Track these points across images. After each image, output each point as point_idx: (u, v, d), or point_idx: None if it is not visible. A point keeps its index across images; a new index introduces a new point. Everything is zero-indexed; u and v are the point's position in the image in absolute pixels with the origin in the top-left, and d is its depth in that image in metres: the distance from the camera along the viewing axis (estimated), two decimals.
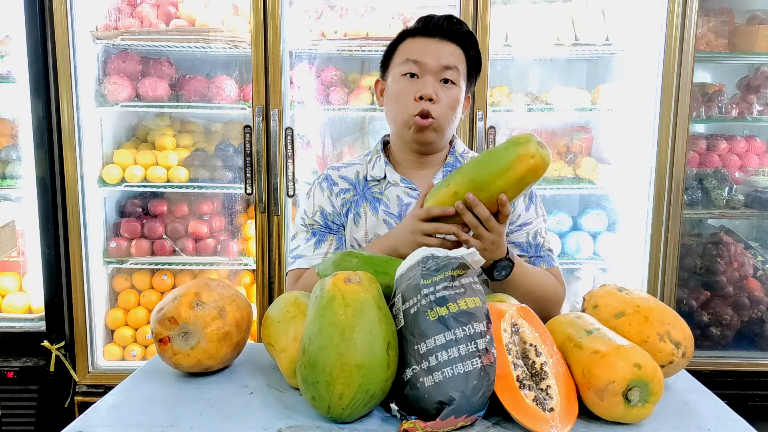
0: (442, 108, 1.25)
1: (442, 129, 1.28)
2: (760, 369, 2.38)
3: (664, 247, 2.31)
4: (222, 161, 2.48)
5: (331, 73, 2.47)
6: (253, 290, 2.46)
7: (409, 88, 1.26)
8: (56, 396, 2.37)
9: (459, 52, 1.28)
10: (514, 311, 0.94)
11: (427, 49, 1.26)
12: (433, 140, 1.30)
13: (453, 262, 0.91)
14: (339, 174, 1.41)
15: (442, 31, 1.27)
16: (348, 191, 1.38)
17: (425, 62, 1.25)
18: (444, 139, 1.33)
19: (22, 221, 2.37)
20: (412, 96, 1.25)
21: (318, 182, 1.42)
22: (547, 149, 1.02)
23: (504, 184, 1.02)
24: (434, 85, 1.25)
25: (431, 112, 1.24)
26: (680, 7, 2.20)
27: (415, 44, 1.28)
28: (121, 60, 2.44)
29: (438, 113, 1.25)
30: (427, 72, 1.25)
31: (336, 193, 1.38)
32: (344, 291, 0.86)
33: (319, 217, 1.37)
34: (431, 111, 1.24)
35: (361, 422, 0.88)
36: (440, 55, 1.25)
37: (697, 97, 2.49)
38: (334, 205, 1.38)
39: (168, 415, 0.91)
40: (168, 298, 1.03)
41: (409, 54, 1.27)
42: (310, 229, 1.37)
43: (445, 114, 1.26)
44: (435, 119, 1.25)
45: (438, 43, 1.27)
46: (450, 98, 1.26)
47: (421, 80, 1.25)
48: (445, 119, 1.27)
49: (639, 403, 0.84)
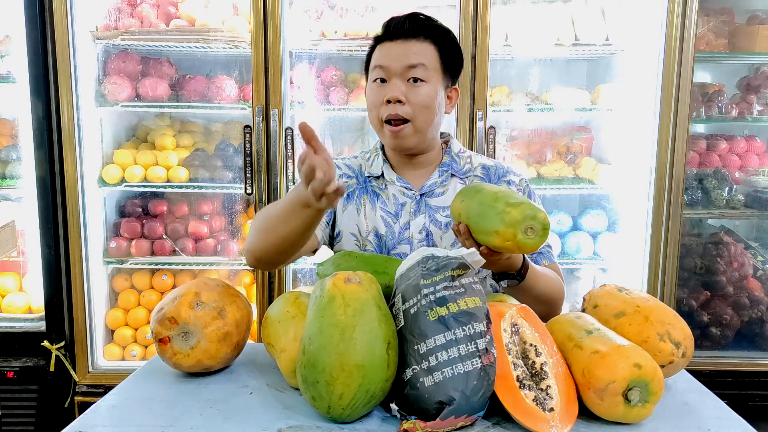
0: (414, 108, 1.25)
1: (421, 129, 1.27)
2: (760, 369, 2.38)
3: (664, 247, 2.31)
4: (222, 161, 2.48)
5: (331, 73, 2.47)
6: (253, 290, 2.46)
7: (378, 94, 1.26)
8: (56, 396, 2.37)
9: (427, 48, 1.27)
10: (514, 311, 0.94)
11: (391, 52, 1.26)
12: (414, 143, 1.29)
13: (453, 262, 0.91)
14: (344, 162, 1.43)
15: (405, 32, 1.27)
16: (351, 178, 1.40)
17: (389, 65, 1.25)
18: (428, 139, 1.32)
19: (22, 221, 2.37)
20: (381, 100, 1.26)
21: None
22: (537, 236, 0.96)
23: (487, 241, 1.01)
24: (401, 86, 1.25)
25: (402, 114, 1.24)
26: (680, 7, 2.20)
27: (383, 50, 1.28)
28: (121, 60, 2.44)
29: (411, 114, 1.25)
30: (393, 75, 1.25)
31: (338, 177, 1.39)
32: (344, 291, 0.87)
33: None
34: (401, 113, 1.24)
35: (361, 422, 0.88)
36: (404, 56, 1.25)
37: (697, 97, 2.49)
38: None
39: (168, 415, 0.91)
40: (168, 298, 1.03)
41: (376, 61, 1.29)
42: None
43: (420, 113, 1.26)
44: (410, 120, 1.25)
45: (402, 44, 1.26)
46: (421, 96, 1.25)
47: (388, 84, 1.26)
48: (422, 118, 1.26)
49: (639, 403, 0.84)
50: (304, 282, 2.59)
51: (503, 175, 1.38)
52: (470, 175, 1.38)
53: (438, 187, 1.36)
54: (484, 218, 1.01)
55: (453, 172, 1.37)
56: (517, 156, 2.57)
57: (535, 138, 2.62)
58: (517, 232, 0.95)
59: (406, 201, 1.34)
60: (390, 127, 1.25)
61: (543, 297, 1.22)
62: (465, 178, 1.37)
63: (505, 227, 0.96)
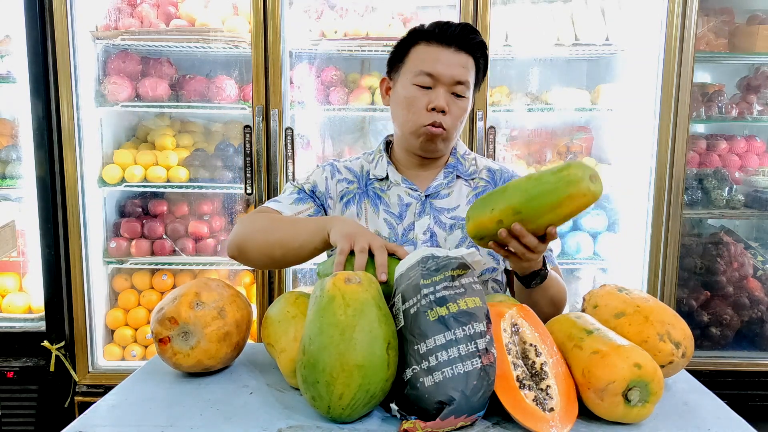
0: (452, 120, 1.27)
1: (451, 139, 1.30)
2: (760, 369, 2.38)
3: (664, 247, 2.31)
4: (222, 161, 2.48)
5: (331, 73, 2.47)
6: (253, 290, 2.46)
7: (421, 98, 1.26)
8: (56, 396, 2.37)
9: (471, 63, 1.27)
10: (514, 311, 0.94)
11: (441, 60, 1.24)
12: (441, 149, 1.32)
13: (453, 262, 0.91)
14: (344, 165, 1.43)
15: (458, 42, 1.25)
16: (351, 183, 1.39)
17: (439, 75, 1.24)
18: (450, 147, 1.36)
19: (22, 221, 2.37)
20: (423, 106, 1.25)
21: (320, 166, 1.43)
22: (599, 182, 0.96)
23: (553, 218, 0.97)
24: (446, 97, 1.25)
25: (444, 124, 1.25)
26: (680, 7, 2.20)
27: (430, 53, 1.26)
28: (121, 60, 2.44)
29: (449, 125, 1.26)
30: (440, 84, 1.25)
31: (337, 180, 1.39)
32: (344, 291, 0.86)
33: (309, 187, 1.38)
34: (443, 122, 1.25)
35: (361, 422, 0.88)
36: (454, 68, 1.24)
37: (697, 97, 2.49)
38: (329, 189, 1.38)
39: (168, 415, 0.91)
40: (168, 298, 1.03)
41: (422, 65, 1.26)
42: (296, 190, 1.38)
43: (455, 126, 1.28)
44: (446, 130, 1.26)
45: (453, 54, 1.25)
46: (459, 110, 1.27)
47: (434, 91, 1.25)
48: (455, 130, 1.29)
49: (639, 403, 0.84)
50: (304, 282, 2.59)
51: (509, 178, 1.39)
52: (475, 176, 1.38)
53: (444, 188, 1.36)
54: (539, 198, 0.97)
55: (458, 174, 1.37)
56: (517, 156, 2.57)
57: (535, 138, 2.62)
58: (588, 184, 0.94)
59: (411, 202, 1.34)
60: (433, 129, 1.25)
61: (556, 297, 1.23)
62: (470, 180, 1.38)
63: (576, 187, 0.94)
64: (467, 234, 1.09)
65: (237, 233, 1.25)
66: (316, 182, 1.39)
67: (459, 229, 1.33)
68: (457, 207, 1.34)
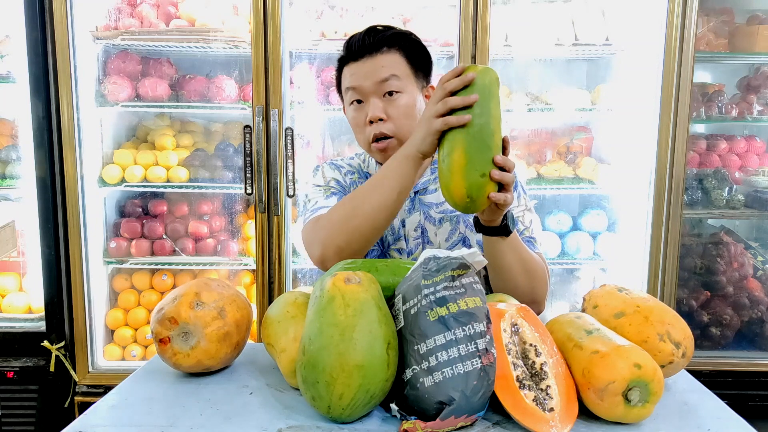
0: (397, 122, 1.25)
1: (405, 138, 1.25)
2: (760, 369, 2.38)
3: (664, 247, 2.31)
4: (222, 161, 2.48)
5: (331, 73, 2.47)
6: (253, 290, 2.46)
7: (359, 116, 1.27)
8: (56, 396, 2.37)
9: (394, 57, 1.26)
10: (514, 311, 0.94)
11: (359, 72, 1.26)
12: None
13: (453, 263, 0.91)
14: (345, 162, 1.45)
15: (368, 48, 1.25)
16: (354, 173, 1.42)
17: (361, 85, 1.25)
18: None
19: (22, 221, 2.37)
20: (363, 122, 1.26)
21: (324, 164, 1.44)
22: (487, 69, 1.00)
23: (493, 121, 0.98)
24: (379, 103, 1.25)
25: (387, 132, 1.25)
26: (680, 7, 2.20)
27: (350, 71, 1.28)
28: (121, 60, 2.44)
29: (394, 129, 1.25)
30: (368, 94, 1.25)
31: (344, 173, 1.42)
32: (344, 291, 0.86)
33: (335, 184, 1.38)
34: (386, 130, 1.25)
35: (361, 422, 0.88)
36: (374, 72, 1.24)
37: (697, 97, 2.49)
38: (346, 181, 1.41)
39: (168, 415, 0.91)
40: (168, 298, 1.03)
41: (346, 83, 1.28)
42: (328, 190, 1.37)
43: (403, 125, 1.26)
44: (393, 136, 1.26)
45: (368, 60, 1.25)
46: (401, 108, 1.26)
47: (366, 104, 1.26)
48: (406, 129, 1.26)
49: (639, 403, 0.84)
50: (304, 282, 2.59)
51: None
52: None
53: (432, 183, 1.37)
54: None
55: None
56: (517, 156, 2.57)
57: (535, 138, 2.62)
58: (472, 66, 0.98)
59: None
60: (376, 145, 1.26)
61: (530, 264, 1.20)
62: None
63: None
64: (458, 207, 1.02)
65: (322, 240, 1.18)
66: (334, 177, 1.40)
67: (447, 222, 1.34)
68: (444, 201, 1.34)
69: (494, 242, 1.17)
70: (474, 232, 1.34)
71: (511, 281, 1.20)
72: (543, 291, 1.26)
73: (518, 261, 1.19)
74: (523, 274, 1.19)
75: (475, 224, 1.16)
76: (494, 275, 1.23)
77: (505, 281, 1.21)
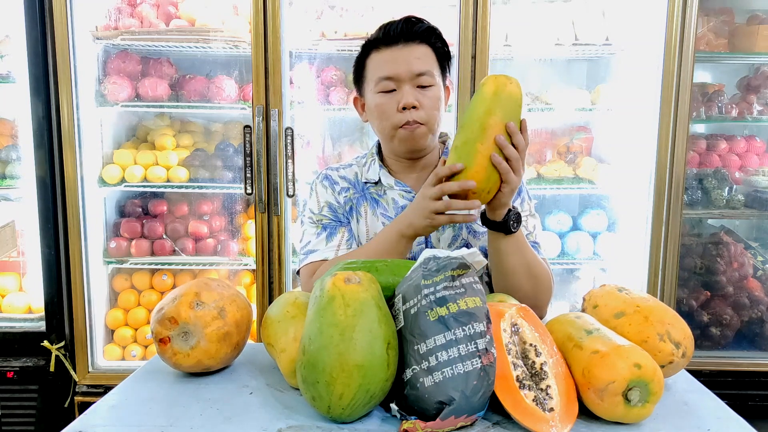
0: (427, 111, 1.26)
1: (433, 131, 1.29)
2: (760, 369, 2.38)
3: (664, 247, 2.31)
4: (222, 161, 2.48)
5: (331, 73, 2.47)
6: (253, 290, 2.46)
7: (390, 102, 1.26)
8: (56, 396, 2.37)
9: (427, 51, 1.28)
10: (514, 311, 0.94)
11: (395, 59, 1.25)
12: (426, 143, 1.31)
13: (453, 262, 0.91)
14: (338, 174, 1.43)
15: (405, 36, 1.26)
16: (348, 190, 1.41)
17: (398, 74, 1.25)
18: (434, 139, 1.34)
19: (22, 221, 2.37)
20: (394, 109, 1.26)
21: (319, 181, 1.43)
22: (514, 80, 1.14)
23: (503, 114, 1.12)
24: (413, 92, 1.25)
25: (418, 120, 1.25)
26: (680, 7, 2.19)
27: (382, 58, 1.27)
28: (121, 60, 2.44)
29: (425, 118, 1.26)
30: (402, 82, 1.25)
31: (338, 192, 1.40)
32: (344, 291, 0.86)
33: (327, 211, 1.39)
34: (416, 118, 1.25)
35: (361, 422, 0.88)
36: (410, 63, 1.25)
37: (697, 97, 2.49)
38: (338, 201, 1.40)
39: (168, 415, 0.91)
40: (168, 298, 1.03)
41: (379, 71, 1.27)
42: (319, 224, 1.38)
43: (432, 116, 1.27)
44: (424, 124, 1.26)
45: (403, 49, 1.26)
46: (431, 100, 1.27)
47: (399, 92, 1.26)
48: (433, 120, 1.28)
49: (639, 403, 0.84)
50: None
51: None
52: None
53: None
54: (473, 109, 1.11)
55: None
56: None
57: (535, 138, 2.62)
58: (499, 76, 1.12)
59: (405, 204, 1.35)
60: (407, 127, 1.25)
61: (535, 268, 1.21)
62: None
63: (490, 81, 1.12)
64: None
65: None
66: (328, 201, 1.39)
67: (450, 228, 1.35)
68: None
69: (498, 241, 1.17)
70: (477, 239, 1.35)
71: (514, 284, 1.20)
72: (546, 296, 1.26)
73: (523, 264, 1.19)
74: (528, 277, 1.19)
75: (482, 217, 1.19)
76: (498, 277, 1.23)
77: (508, 284, 1.21)
